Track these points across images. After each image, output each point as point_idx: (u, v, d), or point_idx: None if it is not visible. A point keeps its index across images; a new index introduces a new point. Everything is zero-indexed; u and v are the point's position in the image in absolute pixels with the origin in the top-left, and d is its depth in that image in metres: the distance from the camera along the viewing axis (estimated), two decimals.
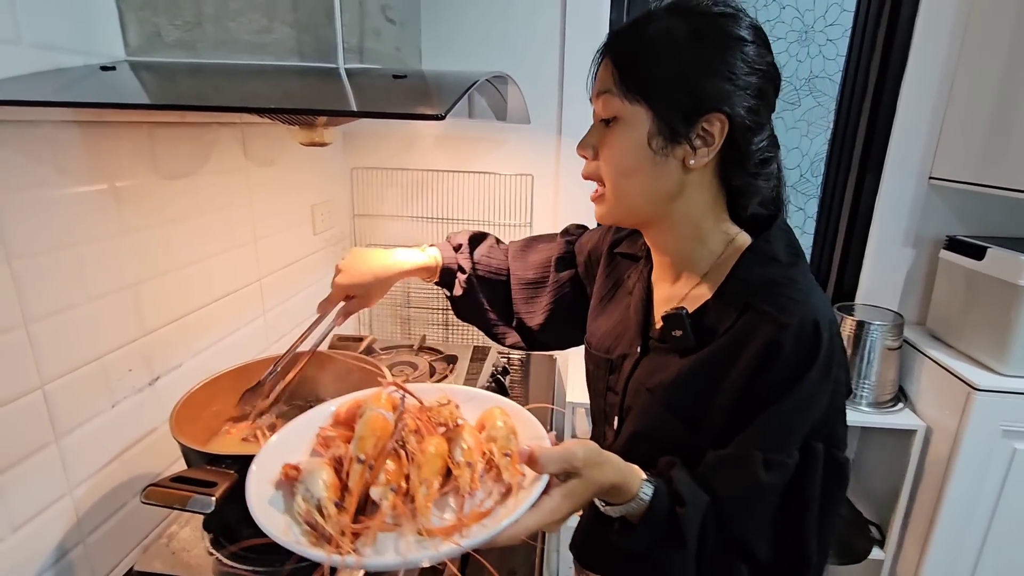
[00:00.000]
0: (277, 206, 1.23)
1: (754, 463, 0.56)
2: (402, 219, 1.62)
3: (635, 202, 0.64)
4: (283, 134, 1.26)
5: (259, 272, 1.17)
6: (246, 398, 0.85)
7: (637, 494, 0.55)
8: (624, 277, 0.78)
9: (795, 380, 0.55)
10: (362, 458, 0.52)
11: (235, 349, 1.09)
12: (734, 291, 0.61)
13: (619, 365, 0.71)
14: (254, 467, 0.55)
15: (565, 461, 0.51)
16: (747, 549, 0.58)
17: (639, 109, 0.59)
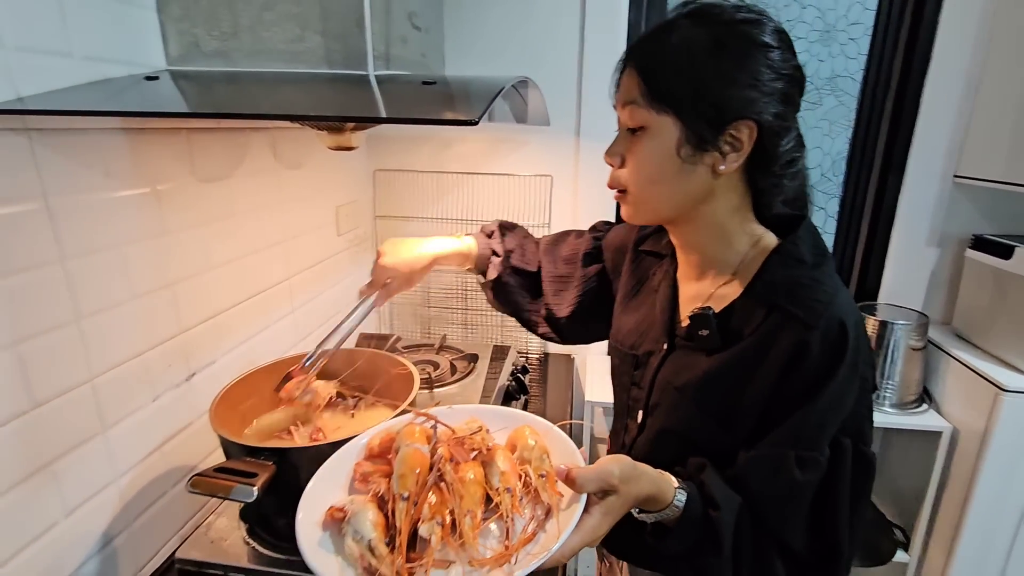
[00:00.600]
0: (304, 207, 1.27)
1: (788, 462, 0.57)
2: (423, 220, 1.65)
3: (661, 207, 0.65)
4: (311, 138, 1.29)
5: (288, 271, 1.21)
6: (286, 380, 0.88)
7: (672, 502, 0.57)
8: (649, 274, 0.79)
9: (825, 380, 0.56)
10: (406, 496, 0.53)
11: (265, 346, 1.13)
12: (761, 292, 0.62)
13: (644, 361, 0.72)
14: (301, 509, 0.56)
15: (602, 480, 0.53)
16: (783, 545, 0.59)
17: (666, 119, 0.60)
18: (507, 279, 0.93)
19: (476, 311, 1.66)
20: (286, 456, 0.68)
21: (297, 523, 0.54)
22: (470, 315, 1.67)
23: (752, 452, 0.60)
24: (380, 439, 0.64)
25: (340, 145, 1.03)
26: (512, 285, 0.94)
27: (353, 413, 0.90)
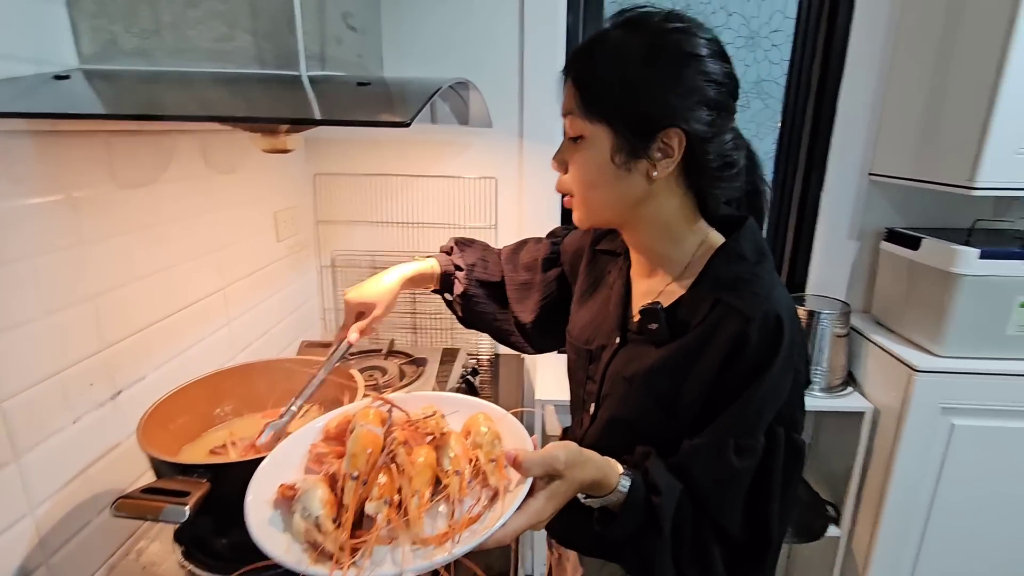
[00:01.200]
0: (240, 214, 1.22)
1: (727, 449, 0.60)
2: (366, 224, 1.62)
3: (603, 211, 0.68)
4: (244, 141, 1.24)
5: (223, 281, 1.16)
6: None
7: (616, 488, 0.59)
8: (605, 272, 0.82)
9: (762, 370, 0.60)
10: (356, 475, 0.54)
11: (200, 360, 1.08)
12: (705, 287, 0.65)
13: (598, 355, 0.75)
14: (251, 489, 0.56)
15: (548, 464, 0.54)
16: (720, 530, 0.62)
17: (600, 128, 0.62)
18: (473, 291, 0.94)
19: (425, 315, 1.65)
20: (221, 472, 0.65)
21: (246, 503, 0.54)
22: (419, 319, 1.66)
23: (694, 441, 0.62)
24: (337, 422, 0.65)
25: (275, 148, 1.00)
26: (479, 297, 0.95)
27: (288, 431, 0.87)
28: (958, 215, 1.50)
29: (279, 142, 1.00)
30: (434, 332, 1.65)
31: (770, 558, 0.63)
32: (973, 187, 1.16)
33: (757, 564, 0.63)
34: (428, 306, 1.64)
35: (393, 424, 0.62)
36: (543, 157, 1.51)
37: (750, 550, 0.63)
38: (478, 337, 1.64)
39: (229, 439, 0.81)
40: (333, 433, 0.64)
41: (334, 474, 0.56)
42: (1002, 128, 1.12)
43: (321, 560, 0.49)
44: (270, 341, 1.38)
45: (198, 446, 0.82)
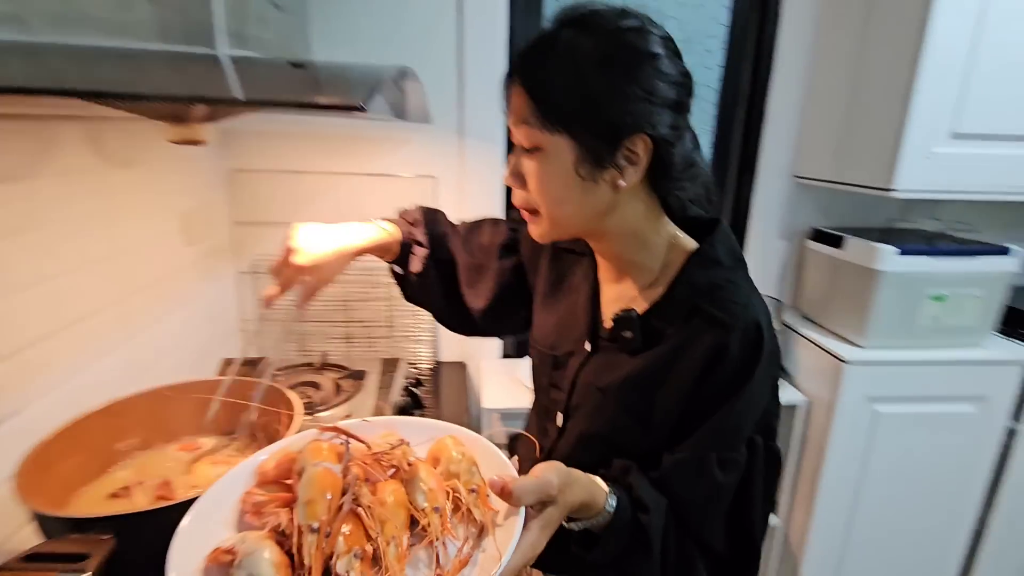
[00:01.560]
0: (141, 215, 1.06)
1: (710, 464, 0.58)
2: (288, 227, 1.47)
3: (570, 224, 0.64)
4: (144, 130, 1.08)
5: (120, 292, 1.00)
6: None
7: (603, 508, 0.55)
8: (569, 272, 0.77)
9: (742, 381, 0.57)
10: (315, 526, 0.44)
11: (94, 386, 0.91)
12: (681, 294, 0.62)
13: (564, 362, 0.71)
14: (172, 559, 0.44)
15: (542, 491, 0.49)
16: (704, 545, 0.59)
17: (560, 139, 0.57)
18: (429, 272, 0.86)
19: (359, 323, 1.53)
20: (128, 525, 0.54)
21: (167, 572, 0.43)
22: (352, 327, 1.54)
23: (675, 456, 0.59)
24: (276, 461, 0.54)
25: (185, 139, 0.87)
26: (433, 277, 0.86)
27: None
28: (871, 216, 1.60)
29: (190, 132, 0.87)
30: (370, 341, 1.54)
31: (756, 569, 0.61)
32: (891, 190, 1.23)
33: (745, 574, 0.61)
34: (362, 313, 1.53)
35: (351, 459, 0.52)
36: (485, 155, 1.45)
37: (734, 563, 0.61)
38: (417, 345, 1.55)
39: (135, 479, 0.68)
40: (272, 475, 0.54)
41: (282, 528, 0.46)
42: (914, 135, 1.20)
43: None
44: (181, 361, 1.21)
45: (95, 491, 0.69)
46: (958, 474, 1.43)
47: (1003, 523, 1.46)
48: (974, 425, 1.38)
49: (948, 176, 1.24)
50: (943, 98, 1.18)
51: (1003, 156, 1.23)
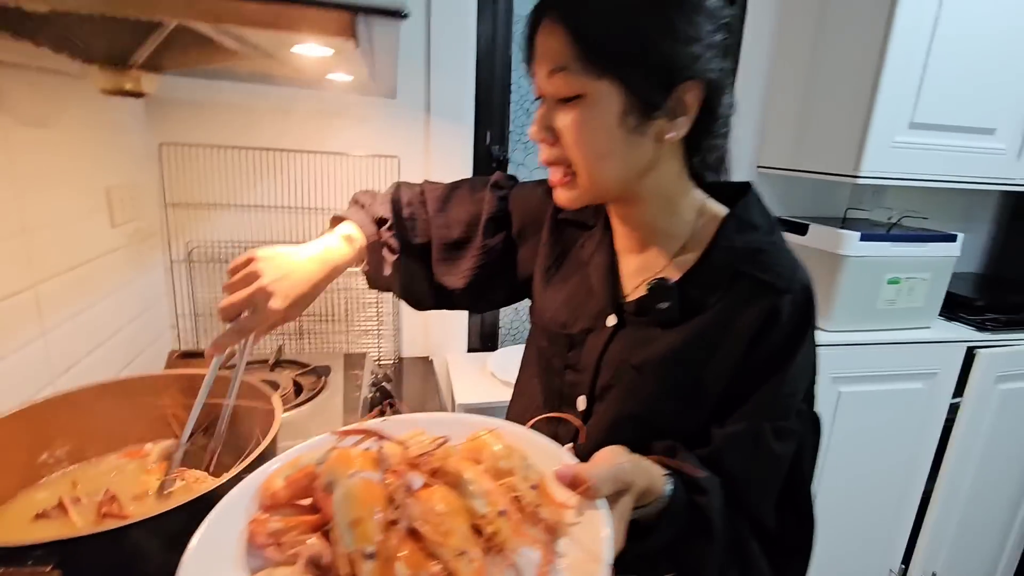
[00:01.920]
0: (55, 185, 0.89)
1: (766, 435, 0.54)
2: (232, 208, 1.32)
3: (611, 184, 0.57)
4: (61, 84, 0.91)
5: (33, 276, 0.83)
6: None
7: (661, 492, 0.50)
8: (574, 245, 0.71)
9: (795, 347, 0.54)
10: (370, 551, 0.36)
11: (2, 389, 0.75)
12: (720, 260, 0.57)
13: (581, 340, 0.65)
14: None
15: (618, 479, 0.44)
16: (756, 524, 0.56)
17: (606, 85, 0.52)
18: (402, 266, 0.77)
19: (314, 316, 1.39)
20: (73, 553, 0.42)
21: None
22: (304, 322, 1.40)
23: (727, 429, 0.55)
24: (285, 477, 0.44)
25: (120, 88, 0.73)
26: (404, 269, 0.78)
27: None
28: (825, 204, 1.67)
29: (129, 80, 0.73)
30: (325, 335, 1.41)
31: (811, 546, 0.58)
32: (858, 176, 1.27)
33: (801, 554, 0.58)
34: (316, 306, 1.39)
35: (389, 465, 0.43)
36: (453, 135, 1.37)
37: (790, 540, 0.57)
38: (376, 340, 1.43)
39: (69, 495, 0.55)
40: (284, 496, 0.44)
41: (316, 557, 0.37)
42: (879, 125, 1.24)
43: None
44: (104, 357, 1.04)
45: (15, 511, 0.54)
46: (911, 447, 1.50)
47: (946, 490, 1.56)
48: (924, 401, 1.46)
49: (907, 164, 1.29)
50: (904, 91, 1.23)
51: (955, 146, 1.31)
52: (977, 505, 1.60)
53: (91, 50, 0.65)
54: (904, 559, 1.64)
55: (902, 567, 1.64)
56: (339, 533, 0.37)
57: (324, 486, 0.41)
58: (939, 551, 1.63)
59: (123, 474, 0.61)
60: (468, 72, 1.34)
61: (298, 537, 0.39)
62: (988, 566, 1.74)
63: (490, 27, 1.38)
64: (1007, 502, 1.66)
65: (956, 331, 1.48)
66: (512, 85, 1.48)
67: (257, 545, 0.40)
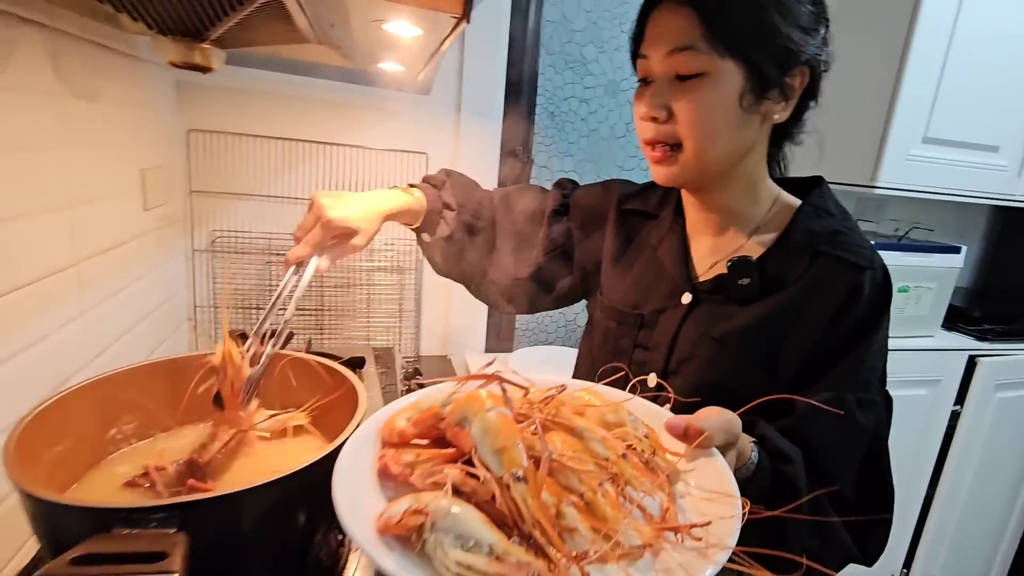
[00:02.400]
0: (99, 161, 0.87)
1: (850, 406, 0.56)
2: (255, 200, 1.30)
3: (716, 162, 0.60)
4: (112, 61, 0.89)
5: (76, 253, 0.80)
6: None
7: (749, 457, 0.51)
8: (636, 234, 0.75)
9: (876, 322, 0.57)
10: (520, 475, 0.37)
11: (44, 364, 0.72)
12: (799, 241, 0.61)
13: (653, 320, 0.68)
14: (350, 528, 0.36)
15: (729, 430, 0.45)
16: (835, 495, 0.57)
17: (730, 64, 0.55)
18: (460, 236, 0.79)
19: (334, 311, 1.37)
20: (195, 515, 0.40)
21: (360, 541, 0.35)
22: (325, 316, 1.37)
23: (810, 400, 0.56)
24: (409, 417, 0.46)
25: (189, 61, 0.72)
26: (464, 243, 0.80)
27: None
28: None
29: (198, 54, 0.73)
30: (343, 329, 1.38)
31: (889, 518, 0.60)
32: (874, 187, 1.33)
33: (881, 525, 0.60)
34: (336, 300, 1.37)
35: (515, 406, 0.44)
36: (482, 133, 1.38)
37: (870, 511, 0.59)
38: (399, 337, 1.42)
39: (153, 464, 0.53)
40: (412, 434, 0.45)
41: (455, 486, 0.39)
42: (896, 139, 1.30)
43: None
44: (130, 344, 1.00)
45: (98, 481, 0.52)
46: (914, 453, 1.55)
47: (946, 495, 1.61)
48: (927, 408, 1.51)
49: (918, 176, 1.35)
50: (920, 107, 1.29)
51: (962, 161, 1.37)
52: (974, 509, 1.65)
53: (170, 20, 0.64)
54: (905, 563, 1.67)
55: (903, 571, 1.68)
56: (485, 460, 0.39)
57: (457, 422, 0.42)
58: (938, 554, 1.68)
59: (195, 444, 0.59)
60: (499, 72, 1.35)
61: (436, 468, 0.40)
62: (984, 568, 1.80)
63: (521, 30, 1.40)
64: (1003, 506, 1.72)
65: (957, 340, 1.55)
66: (538, 88, 1.50)
67: (391, 475, 0.42)
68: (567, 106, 1.56)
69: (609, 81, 1.56)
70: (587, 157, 1.61)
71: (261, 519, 0.44)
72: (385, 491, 0.42)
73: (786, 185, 0.68)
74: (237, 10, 0.61)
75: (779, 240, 0.62)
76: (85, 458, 0.56)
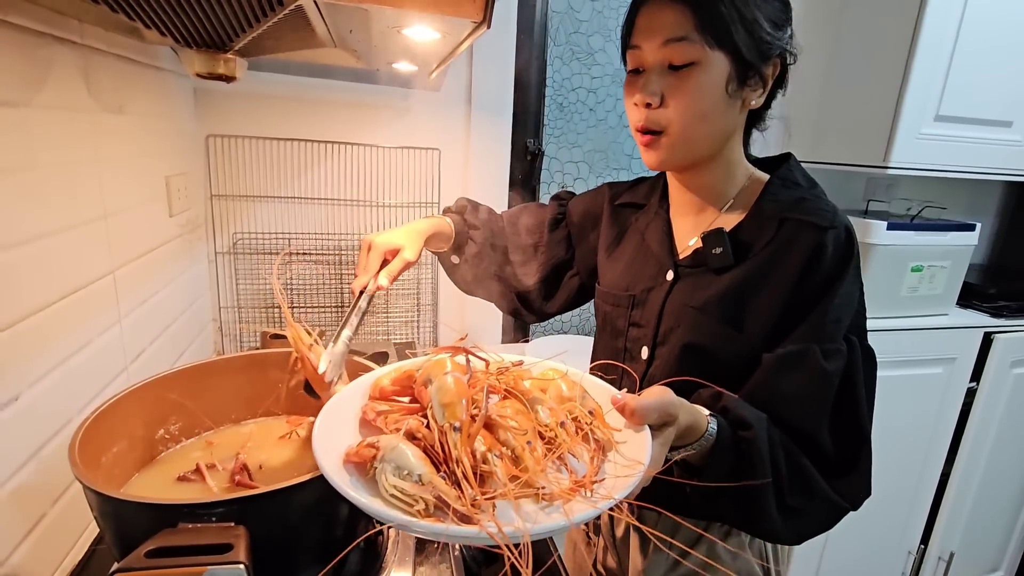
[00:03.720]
0: (128, 172, 0.90)
1: (814, 354, 0.60)
2: (273, 201, 1.33)
3: (701, 145, 0.65)
4: (137, 73, 0.92)
5: (112, 261, 0.84)
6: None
7: (705, 431, 0.55)
8: (627, 223, 0.81)
9: (838, 277, 0.61)
10: (457, 425, 0.47)
11: (86, 370, 0.75)
12: (768, 210, 0.65)
13: (643, 298, 0.73)
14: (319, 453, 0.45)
15: (663, 410, 0.50)
16: (812, 443, 0.61)
17: (718, 54, 0.60)
18: (487, 254, 0.87)
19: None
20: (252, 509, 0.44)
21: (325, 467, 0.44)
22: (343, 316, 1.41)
23: (777, 352, 0.61)
24: (392, 377, 0.57)
25: (214, 71, 0.75)
26: (490, 260, 0.88)
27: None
28: (839, 196, 1.72)
29: (221, 64, 0.75)
30: (364, 326, 1.42)
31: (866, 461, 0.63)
32: (886, 167, 1.33)
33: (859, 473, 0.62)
34: None
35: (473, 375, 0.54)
36: (492, 127, 1.39)
37: (848, 460, 0.62)
38: (418, 331, 1.45)
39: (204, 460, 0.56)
40: (391, 391, 0.57)
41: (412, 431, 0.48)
42: (907, 117, 1.29)
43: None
44: (162, 347, 1.04)
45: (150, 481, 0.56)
46: (929, 431, 1.56)
47: (963, 472, 1.62)
48: (943, 386, 1.52)
49: (930, 155, 1.35)
50: (931, 84, 1.28)
51: (975, 138, 1.37)
52: (991, 486, 1.66)
53: (196, 33, 0.67)
54: (923, 540, 1.69)
55: (921, 547, 1.70)
56: (434, 412, 0.48)
57: (423, 382, 0.52)
58: (955, 531, 1.69)
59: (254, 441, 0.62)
60: (508, 66, 1.36)
61: (400, 417, 0.51)
62: (1001, 544, 1.81)
63: (529, 22, 1.41)
64: (1020, 483, 1.73)
65: (973, 318, 1.55)
66: (547, 79, 1.51)
67: (367, 421, 0.52)
68: (575, 96, 1.56)
69: (616, 70, 1.57)
70: (596, 147, 1.62)
71: (309, 511, 0.47)
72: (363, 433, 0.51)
73: (760, 164, 0.72)
74: (261, 21, 0.63)
75: (750, 211, 0.66)
76: (138, 456, 0.59)
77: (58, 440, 0.68)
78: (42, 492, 0.65)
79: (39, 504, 0.65)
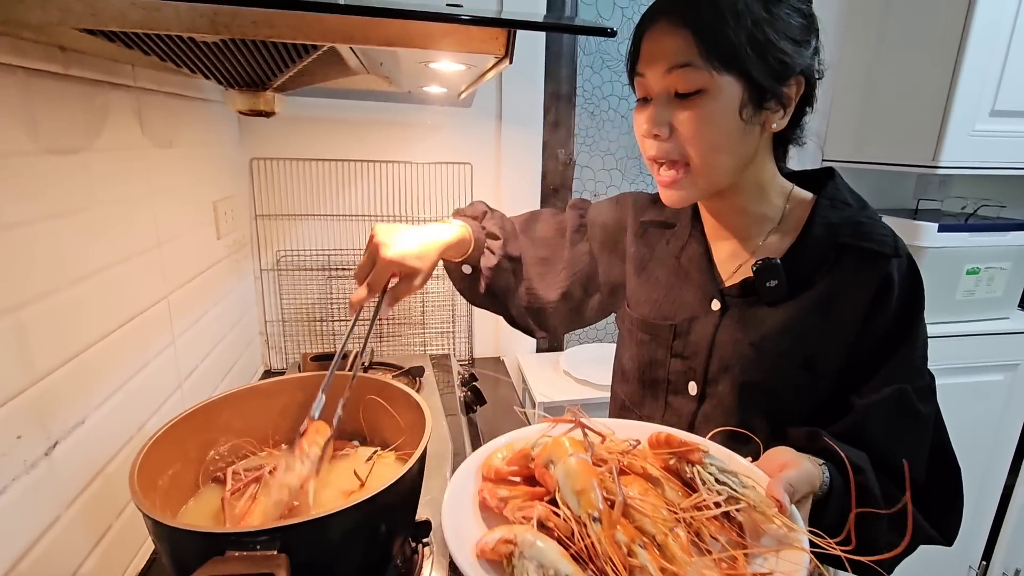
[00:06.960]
0: (178, 201, 0.95)
1: (909, 397, 0.57)
2: (314, 219, 1.38)
3: (723, 174, 0.61)
4: (185, 107, 0.98)
5: (166, 287, 0.89)
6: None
7: (822, 481, 0.52)
8: (657, 244, 0.76)
9: (917, 310, 0.58)
10: (597, 515, 0.43)
11: (144, 391, 0.81)
12: (820, 236, 0.61)
13: (686, 328, 0.69)
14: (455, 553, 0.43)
15: (810, 482, 0.49)
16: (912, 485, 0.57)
17: (727, 79, 0.56)
18: (505, 265, 0.81)
19: (393, 320, 1.44)
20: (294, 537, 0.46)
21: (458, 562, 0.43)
22: (386, 325, 1.45)
23: (870, 399, 0.58)
24: (503, 456, 0.54)
25: (254, 108, 0.79)
26: (506, 272, 0.81)
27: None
28: (889, 197, 1.65)
29: (262, 101, 0.79)
30: (402, 339, 1.45)
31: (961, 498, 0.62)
32: (936, 166, 1.26)
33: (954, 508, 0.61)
34: (395, 309, 1.44)
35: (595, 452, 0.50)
36: (523, 141, 1.40)
37: (941, 495, 0.61)
38: (453, 341, 1.47)
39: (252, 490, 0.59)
40: (507, 472, 0.53)
41: (542, 520, 0.45)
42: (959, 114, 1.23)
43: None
44: (214, 363, 1.10)
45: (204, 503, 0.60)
46: (991, 441, 1.48)
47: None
48: (1005, 393, 1.44)
49: (985, 152, 1.28)
50: (986, 79, 1.21)
51: None
52: None
53: (238, 76, 0.70)
54: (985, 555, 1.60)
55: (983, 563, 1.61)
56: (567, 500, 0.44)
57: (544, 464, 0.48)
58: (1020, 547, 1.60)
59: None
60: (538, 78, 1.37)
61: (523, 504, 0.47)
62: None
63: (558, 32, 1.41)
64: None
65: None
66: (577, 88, 1.51)
67: (488, 507, 0.49)
68: (606, 104, 1.56)
69: None
70: (629, 155, 1.61)
71: (348, 536, 0.49)
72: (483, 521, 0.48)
73: (798, 179, 0.68)
74: (297, 62, 0.66)
75: (800, 236, 0.62)
76: (192, 478, 0.63)
77: (120, 458, 0.73)
78: (107, 506, 0.71)
79: (105, 518, 0.70)
